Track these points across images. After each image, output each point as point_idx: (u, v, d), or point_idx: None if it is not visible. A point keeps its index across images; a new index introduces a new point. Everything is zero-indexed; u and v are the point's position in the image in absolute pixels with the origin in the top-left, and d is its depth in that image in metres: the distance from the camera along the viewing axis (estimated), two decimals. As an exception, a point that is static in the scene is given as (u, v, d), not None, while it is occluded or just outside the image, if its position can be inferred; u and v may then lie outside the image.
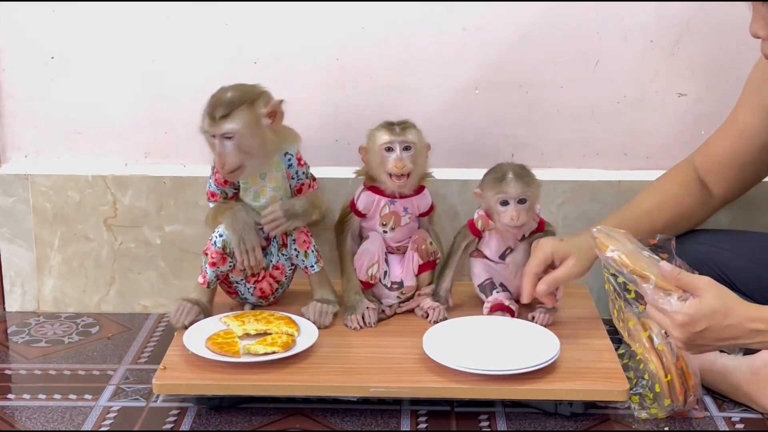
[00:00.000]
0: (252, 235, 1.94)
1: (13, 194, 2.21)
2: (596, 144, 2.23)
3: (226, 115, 1.87)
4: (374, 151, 1.96)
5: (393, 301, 2.04)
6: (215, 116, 1.88)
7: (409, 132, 1.96)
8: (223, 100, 1.89)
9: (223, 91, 1.92)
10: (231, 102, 1.89)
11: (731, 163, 1.99)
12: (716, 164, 2.00)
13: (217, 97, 1.91)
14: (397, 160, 1.94)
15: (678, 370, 1.78)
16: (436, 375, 1.79)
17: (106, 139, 2.23)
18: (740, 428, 1.78)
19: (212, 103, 1.90)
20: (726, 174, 2.00)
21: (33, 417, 1.82)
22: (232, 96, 1.90)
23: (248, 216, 1.95)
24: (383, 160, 1.95)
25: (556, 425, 1.78)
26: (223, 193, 1.99)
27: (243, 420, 1.79)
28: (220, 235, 1.95)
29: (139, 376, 1.96)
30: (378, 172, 1.97)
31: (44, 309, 2.26)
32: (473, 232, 2.01)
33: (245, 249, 1.94)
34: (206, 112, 1.90)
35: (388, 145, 1.94)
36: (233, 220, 1.94)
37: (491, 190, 1.94)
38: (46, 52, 2.18)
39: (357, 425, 1.78)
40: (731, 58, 2.13)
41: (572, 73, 2.18)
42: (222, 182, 1.97)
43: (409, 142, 1.95)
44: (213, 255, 1.95)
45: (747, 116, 1.95)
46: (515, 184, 1.92)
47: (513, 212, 1.92)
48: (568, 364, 1.81)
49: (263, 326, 1.91)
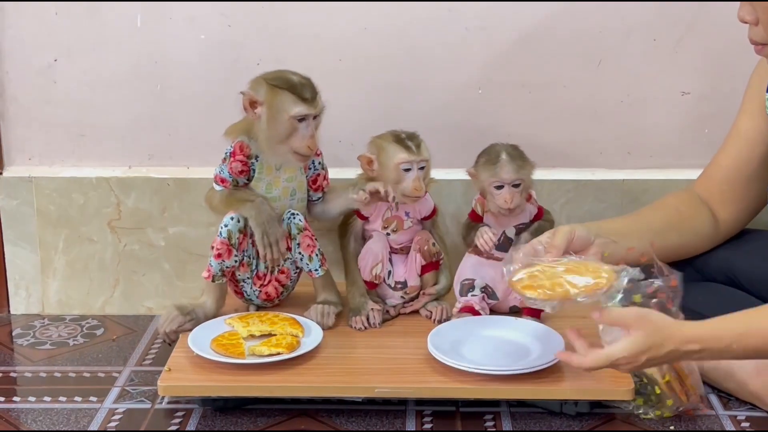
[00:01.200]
0: (276, 229, 1.93)
1: (18, 197, 2.21)
2: (599, 143, 2.22)
3: (316, 94, 1.89)
4: (389, 168, 1.94)
5: (397, 301, 2.04)
6: (308, 98, 1.88)
7: (423, 149, 1.94)
8: (304, 82, 1.89)
9: (286, 74, 1.90)
10: (309, 81, 1.90)
11: (736, 176, 1.95)
12: (720, 183, 1.96)
13: (292, 81, 1.88)
14: (416, 181, 1.93)
15: (674, 372, 1.77)
16: (440, 375, 1.79)
17: (110, 142, 2.23)
18: (746, 426, 1.78)
19: (296, 88, 1.88)
20: (731, 193, 1.96)
21: (38, 419, 1.82)
22: (303, 77, 1.90)
23: (272, 209, 1.94)
24: (399, 179, 1.93)
25: (561, 425, 1.78)
26: (234, 182, 1.96)
27: (248, 421, 1.80)
28: (225, 225, 1.92)
29: (144, 378, 1.96)
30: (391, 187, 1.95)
31: (49, 311, 2.27)
32: (475, 219, 2.00)
33: (269, 243, 1.93)
34: (296, 97, 1.87)
35: (407, 166, 1.93)
36: (257, 213, 1.92)
37: (485, 172, 1.93)
38: (49, 54, 2.18)
39: (362, 426, 1.78)
40: (735, 56, 2.13)
41: (575, 73, 2.18)
42: (238, 171, 1.94)
43: (424, 161, 1.94)
44: (218, 246, 1.93)
45: (748, 122, 1.94)
46: (509, 167, 1.91)
47: (507, 195, 1.92)
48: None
49: (268, 327, 1.91)
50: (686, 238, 1.94)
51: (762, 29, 1.70)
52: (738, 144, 1.95)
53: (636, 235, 1.85)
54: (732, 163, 1.96)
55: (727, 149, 1.97)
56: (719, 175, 1.97)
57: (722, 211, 1.97)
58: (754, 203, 1.97)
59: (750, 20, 1.70)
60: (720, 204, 1.97)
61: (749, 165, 1.94)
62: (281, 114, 1.88)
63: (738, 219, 1.98)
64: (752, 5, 1.69)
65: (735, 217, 1.98)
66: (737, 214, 1.98)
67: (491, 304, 2.00)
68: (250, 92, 1.90)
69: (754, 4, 1.68)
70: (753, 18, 1.70)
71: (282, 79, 1.90)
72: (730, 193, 1.96)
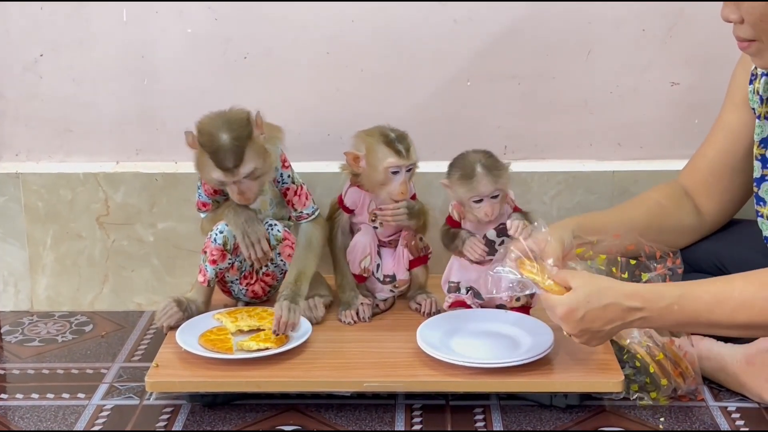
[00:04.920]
0: (255, 227, 1.92)
1: (5, 193, 2.20)
2: (590, 134, 2.22)
3: (239, 162, 1.83)
4: (376, 169, 1.92)
5: (387, 295, 2.03)
6: (229, 167, 1.83)
7: (412, 153, 1.92)
8: (227, 147, 1.82)
9: (215, 133, 1.84)
10: (236, 146, 1.83)
11: (721, 168, 1.95)
12: (705, 174, 1.97)
13: (216, 145, 1.83)
14: (403, 185, 1.92)
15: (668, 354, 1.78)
16: (430, 369, 1.78)
17: (98, 137, 2.22)
18: (736, 418, 1.77)
19: (217, 154, 1.83)
20: (716, 184, 1.96)
21: (26, 416, 1.81)
22: (232, 138, 1.83)
23: (248, 209, 1.94)
24: (386, 181, 1.92)
25: (551, 417, 1.78)
26: (214, 203, 1.98)
27: (237, 417, 1.79)
28: (220, 232, 1.93)
29: (132, 374, 1.95)
30: (376, 187, 1.94)
31: (38, 308, 2.26)
32: (453, 225, 1.98)
33: (251, 242, 1.92)
34: (215, 164, 1.83)
35: (395, 169, 1.92)
36: (234, 215, 1.92)
37: (461, 187, 1.89)
38: (35, 50, 2.17)
39: (351, 420, 1.77)
40: (725, 47, 2.10)
41: (565, 64, 2.17)
42: (212, 192, 1.96)
43: (413, 164, 1.93)
44: (213, 252, 1.93)
45: (733, 114, 1.94)
46: (486, 180, 1.87)
47: (488, 209, 1.89)
48: (563, 356, 1.80)
49: (256, 322, 1.90)
50: (668, 233, 1.94)
51: (748, 27, 1.70)
52: (722, 135, 1.95)
53: (618, 231, 1.87)
54: (717, 154, 1.96)
55: (712, 141, 1.97)
56: (704, 167, 1.97)
57: (707, 202, 1.97)
58: (738, 195, 1.97)
59: (734, 19, 1.70)
60: (705, 196, 1.97)
61: (734, 156, 1.94)
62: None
63: (723, 210, 1.98)
64: (736, 5, 1.68)
65: (720, 208, 1.98)
66: (722, 205, 1.98)
67: (477, 304, 1.98)
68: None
69: (737, 4, 1.68)
70: (737, 17, 1.69)
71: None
72: (716, 184, 1.96)
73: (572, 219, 1.90)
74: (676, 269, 1.81)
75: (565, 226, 1.84)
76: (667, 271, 1.81)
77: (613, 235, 1.82)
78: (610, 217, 1.94)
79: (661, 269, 1.81)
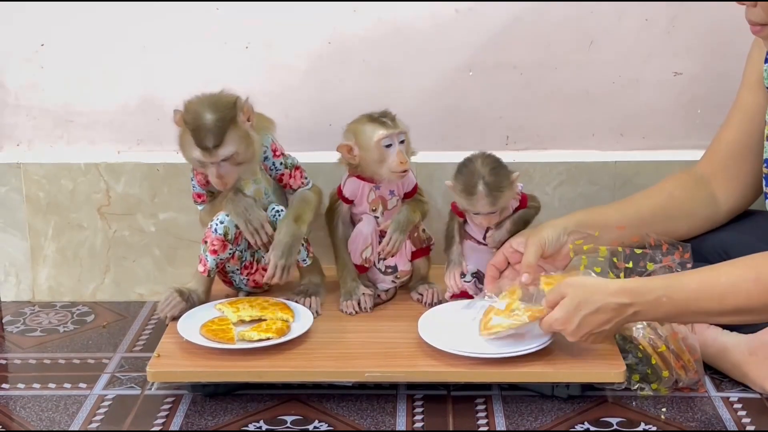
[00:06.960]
0: (256, 213, 1.92)
1: (6, 183, 2.20)
2: (592, 125, 2.21)
3: (219, 142, 1.83)
4: (370, 148, 1.91)
5: (388, 286, 2.03)
6: (208, 146, 1.83)
7: (398, 122, 1.92)
8: (209, 127, 1.82)
9: (200, 112, 1.84)
10: (218, 126, 1.82)
11: (740, 151, 1.93)
12: (724, 157, 1.95)
13: (198, 123, 1.83)
14: (399, 154, 1.90)
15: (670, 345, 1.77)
16: (431, 359, 1.78)
17: (99, 127, 2.21)
18: (738, 408, 1.77)
19: (198, 132, 1.83)
20: (734, 168, 1.93)
21: (27, 406, 1.81)
22: (215, 118, 1.83)
23: (246, 197, 1.93)
24: (383, 156, 1.91)
25: (553, 408, 1.77)
26: (208, 193, 1.98)
27: (238, 407, 1.79)
28: (221, 222, 1.92)
29: (134, 364, 1.95)
30: (376, 168, 1.93)
31: (39, 298, 2.25)
32: (458, 214, 1.98)
33: (254, 229, 1.92)
34: (195, 142, 1.83)
35: (387, 142, 1.91)
36: (234, 204, 1.92)
37: (462, 199, 1.90)
38: (35, 39, 2.16)
39: (353, 410, 1.77)
40: (727, 36, 2.12)
41: (566, 54, 2.16)
42: (204, 182, 1.95)
43: (402, 133, 1.93)
44: (214, 242, 1.93)
45: (749, 96, 1.93)
46: (485, 202, 1.87)
47: (484, 221, 1.92)
48: (564, 347, 1.80)
49: (258, 312, 1.90)
50: (678, 220, 1.93)
51: (761, 10, 1.69)
52: (739, 117, 1.94)
53: (621, 223, 1.88)
54: (735, 136, 1.94)
55: (730, 123, 1.96)
56: (723, 150, 1.96)
57: (726, 187, 1.95)
58: (756, 179, 1.94)
59: (747, 2, 1.69)
60: (723, 180, 1.95)
61: (751, 137, 1.92)
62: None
63: (741, 197, 1.96)
64: None
65: (738, 194, 1.96)
66: (740, 190, 1.96)
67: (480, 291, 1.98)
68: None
69: None
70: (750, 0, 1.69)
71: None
72: (734, 167, 1.94)
73: (574, 214, 1.90)
74: (684, 263, 1.80)
75: (556, 225, 1.86)
76: (674, 264, 1.80)
77: (616, 227, 1.82)
78: (614, 208, 1.94)
79: (667, 261, 1.80)
